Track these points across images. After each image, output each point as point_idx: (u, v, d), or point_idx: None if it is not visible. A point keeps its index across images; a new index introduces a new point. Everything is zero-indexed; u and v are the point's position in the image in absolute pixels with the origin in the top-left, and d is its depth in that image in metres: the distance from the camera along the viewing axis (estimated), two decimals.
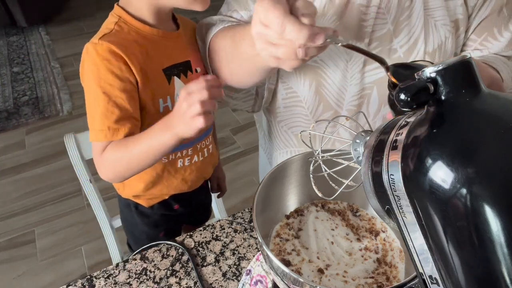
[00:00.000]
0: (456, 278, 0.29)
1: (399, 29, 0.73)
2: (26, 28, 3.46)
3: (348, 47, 0.50)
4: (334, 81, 0.77)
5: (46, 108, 2.59)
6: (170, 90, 0.75)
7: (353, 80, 0.76)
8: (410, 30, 0.73)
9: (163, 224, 0.97)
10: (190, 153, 0.84)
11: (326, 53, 0.75)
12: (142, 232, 0.97)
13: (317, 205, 0.71)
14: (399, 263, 0.61)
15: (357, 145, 0.47)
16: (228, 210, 1.33)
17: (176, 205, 0.95)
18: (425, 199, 0.29)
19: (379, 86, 0.76)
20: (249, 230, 0.84)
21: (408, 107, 0.31)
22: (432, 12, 0.72)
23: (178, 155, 0.83)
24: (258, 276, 0.73)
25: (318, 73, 0.77)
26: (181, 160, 0.84)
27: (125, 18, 0.70)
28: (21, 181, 2.09)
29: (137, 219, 0.94)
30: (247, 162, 2.14)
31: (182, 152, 0.83)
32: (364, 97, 0.78)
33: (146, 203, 0.90)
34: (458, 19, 0.73)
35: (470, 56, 0.31)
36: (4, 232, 1.83)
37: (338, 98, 0.79)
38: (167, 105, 0.75)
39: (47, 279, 1.64)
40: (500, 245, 0.25)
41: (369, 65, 0.75)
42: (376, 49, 0.74)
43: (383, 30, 0.73)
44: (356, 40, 0.73)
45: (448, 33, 0.73)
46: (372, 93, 0.77)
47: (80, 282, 0.76)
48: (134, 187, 0.86)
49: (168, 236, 1.00)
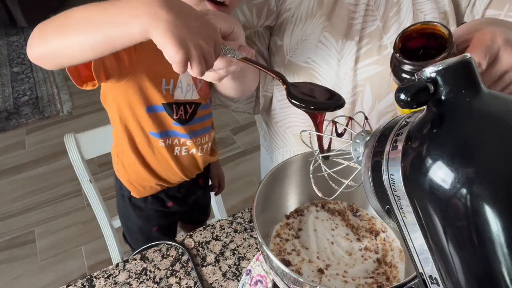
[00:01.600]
0: (456, 278, 0.29)
1: (388, 25, 0.73)
2: (26, 28, 3.46)
3: (244, 61, 0.52)
4: (327, 80, 0.78)
5: (46, 108, 2.59)
6: (175, 73, 0.73)
7: (346, 78, 0.76)
8: (399, 26, 0.72)
9: (156, 220, 0.98)
10: (189, 144, 0.84)
11: (318, 54, 0.75)
12: (135, 224, 0.98)
13: (317, 205, 0.71)
14: (399, 263, 0.61)
15: (357, 145, 0.47)
16: (228, 210, 1.33)
17: (170, 202, 0.95)
18: (425, 199, 0.29)
19: (371, 83, 0.76)
20: (249, 230, 0.84)
21: (408, 107, 0.31)
22: (421, 6, 0.72)
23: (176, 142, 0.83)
24: (258, 276, 0.73)
25: (311, 73, 0.78)
26: (178, 148, 0.84)
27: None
28: (21, 181, 2.09)
29: (130, 211, 0.95)
30: (247, 162, 2.14)
31: (180, 140, 0.83)
32: (358, 94, 0.78)
33: (138, 193, 0.90)
34: (446, 11, 0.73)
35: (470, 56, 0.31)
36: (4, 232, 1.83)
37: None
38: (168, 88, 0.75)
39: (47, 279, 1.64)
40: (500, 245, 0.25)
41: (361, 62, 0.75)
42: (367, 46, 0.74)
43: (373, 27, 0.73)
44: (346, 39, 0.73)
45: None
46: (365, 90, 0.77)
47: (80, 282, 0.76)
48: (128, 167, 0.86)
49: (162, 233, 1.02)
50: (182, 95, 0.78)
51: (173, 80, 0.75)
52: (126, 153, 0.84)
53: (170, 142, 0.83)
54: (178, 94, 0.77)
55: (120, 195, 0.95)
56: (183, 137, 0.83)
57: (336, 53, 0.75)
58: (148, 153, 0.83)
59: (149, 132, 0.79)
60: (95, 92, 2.71)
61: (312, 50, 0.76)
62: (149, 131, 0.79)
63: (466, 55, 0.31)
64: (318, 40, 0.74)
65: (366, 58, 0.74)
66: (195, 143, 0.85)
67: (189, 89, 0.78)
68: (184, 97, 0.78)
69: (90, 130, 1.00)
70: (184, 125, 0.80)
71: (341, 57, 0.75)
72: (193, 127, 0.83)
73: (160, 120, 0.78)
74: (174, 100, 0.77)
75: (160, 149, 0.82)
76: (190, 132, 0.82)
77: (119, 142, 0.84)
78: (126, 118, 0.78)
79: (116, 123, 0.80)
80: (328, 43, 0.74)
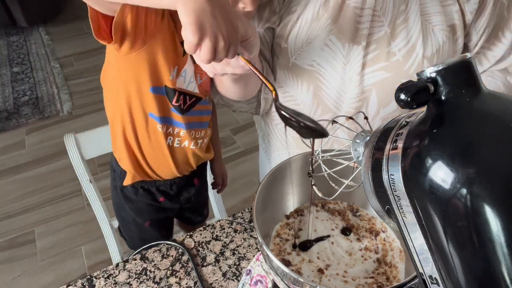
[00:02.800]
0: (456, 278, 0.29)
1: (396, 32, 0.73)
2: (26, 28, 3.46)
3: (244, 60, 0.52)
4: (332, 84, 0.77)
5: (46, 108, 2.59)
6: (181, 62, 0.76)
7: (351, 82, 0.76)
8: (407, 33, 0.73)
9: (148, 214, 0.98)
10: (182, 134, 0.85)
11: (323, 57, 0.75)
12: (128, 215, 0.99)
13: (317, 205, 0.71)
14: (399, 263, 0.61)
15: (357, 145, 0.47)
16: (228, 210, 1.33)
17: (161, 198, 0.96)
18: (425, 199, 0.29)
19: (378, 89, 0.76)
20: (249, 230, 0.84)
21: (408, 107, 0.31)
22: (429, 18, 0.73)
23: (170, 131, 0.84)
24: (258, 276, 0.73)
25: (315, 76, 0.77)
26: (171, 138, 0.85)
27: None
28: (21, 181, 2.09)
29: (123, 202, 0.95)
30: (247, 162, 2.14)
31: (174, 130, 0.84)
32: (363, 100, 0.78)
33: (131, 177, 0.89)
34: (454, 24, 0.74)
35: (470, 56, 0.31)
36: (4, 232, 1.83)
37: (337, 101, 0.79)
38: (173, 74, 0.76)
39: (47, 279, 1.64)
40: (500, 245, 0.25)
41: (368, 67, 0.75)
42: (374, 51, 0.74)
43: (380, 32, 0.73)
44: (353, 43, 0.73)
45: (446, 38, 0.74)
46: (371, 96, 0.77)
47: (80, 282, 0.76)
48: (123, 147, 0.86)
49: (155, 229, 1.02)
50: (184, 84, 0.79)
51: (177, 68, 0.76)
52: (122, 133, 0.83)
53: (166, 129, 0.83)
54: (181, 83, 0.78)
55: (113, 186, 0.96)
56: (178, 126, 0.83)
57: (342, 57, 0.74)
58: (144, 136, 0.83)
59: (150, 114, 0.80)
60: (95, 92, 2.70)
61: (317, 53, 0.75)
62: (150, 112, 0.79)
63: (466, 55, 0.31)
64: (324, 43, 0.74)
65: (374, 64, 0.74)
66: (189, 135, 0.85)
67: (192, 80, 0.80)
68: (186, 87, 0.80)
69: (90, 130, 1.00)
70: (183, 115, 0.81)
71: (347, 61, 0.75)
72: (190, 118, 0.83)
73: (161, 103, 0.79)
74: (177, 88, 0.78)
75: (158, 134, 0.82)
76: (187, 122, 0.83)
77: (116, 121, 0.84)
78: (129, 95, 0.78)
79: (116, 101, 0.80)
80: (334, 47, 0.74)
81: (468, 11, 0.72)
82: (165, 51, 0.73)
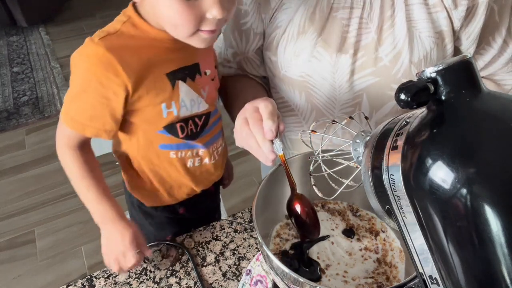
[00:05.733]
0: (456, 278, 0.29)
1: (383, 38, 0.73)
2: (26, 28, 3.46)
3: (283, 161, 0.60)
4: (323, 91, 0.78)
5: (46, 108, 2.59)
6: (174, 95, 0.73)
7: (342, 89, 0.77)
8: (394, 39, 0.72)
9: (169, 227, 0.94)
10: (200, 154, 0.82)
11: (311, 68, 0.76)
12: (149, 232, 0.95)
13: (317, 205, 0.71)
14: (399, 263, 0.61)
15: (357, 145, 0.47)
16: (228, 210, 1.33)
17: (181, 209, 0.92)
18: (425, 199, 0.29)
19: (368, 93, 0.77)
20: (249, 230, 0.84)
21: (408, 107, 0.31)
22: (416, 24, 0.72)
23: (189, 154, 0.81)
24: (258, 276, 0.73)
25: (306, 86, 0.79)
26: (191, 160, 0.82)
27: (134, 20, 0.68)
28: (21, 181, 2.08)
29: (142, 219, 0.93)
30: (247, 162, 2.14)
31: (193, 152, 0.81)
32: (356, 105, 0.79)
33: (149, 202, 0.89)
34: (442, 30, 0.73)
35: (470, 56, 0.31)
36: (4, 232, 1.83)
37: (329, 107, 0.80)
38: (171, 111, 0.72)
39: (47, 279, 1.64)
40: (500, 245, 0.25)
41: (356, 74, 0.75)
42: (362, 58, 0.74)
43: (368, 39, 0.73)
44: (341, 52, 0.74)
45: (433, 44, 0.73)
46: (363, 101, 0.78)
47: (80, 282, 0.76)
48: (141, 183, 0.86)
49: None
50: (188, 112, 0.75)
51: (174, 102, 0.73)
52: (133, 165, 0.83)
53: (183, 154, 0.80)
54: (184, 112, 0.75)
55: (130, 203, 0.93)
56: (195, 147, 0.80)
57: (330, 67, 0.75)
58: (159, 169, 0.81)
59: (159, 146, 0.77)
60: None
61: (305, 65, 0.76)
62: (159, 144, 0.77)
63: (466, 55, 0.31)
64: (311, 55, 0.75)
65: (362, 70, 0.75)
66: (209, 152, 0.82)
67: (193, 103, 0.76)
68: (190, 112, 0.76)
69: None
70: (196, 139, 0.78)
71: (335, 70, 0.75)
72: (203, 139, 0.80)
73: (171, 139, 0.77)
74: (180, 118, 0.75)
75: (172, 160, 0.80)
76: (203, 143, 0.80)
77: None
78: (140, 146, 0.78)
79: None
80: (322, 58, 0.75)
81: (456, 18, 0.71)
82: (153, 103, 0.73)
